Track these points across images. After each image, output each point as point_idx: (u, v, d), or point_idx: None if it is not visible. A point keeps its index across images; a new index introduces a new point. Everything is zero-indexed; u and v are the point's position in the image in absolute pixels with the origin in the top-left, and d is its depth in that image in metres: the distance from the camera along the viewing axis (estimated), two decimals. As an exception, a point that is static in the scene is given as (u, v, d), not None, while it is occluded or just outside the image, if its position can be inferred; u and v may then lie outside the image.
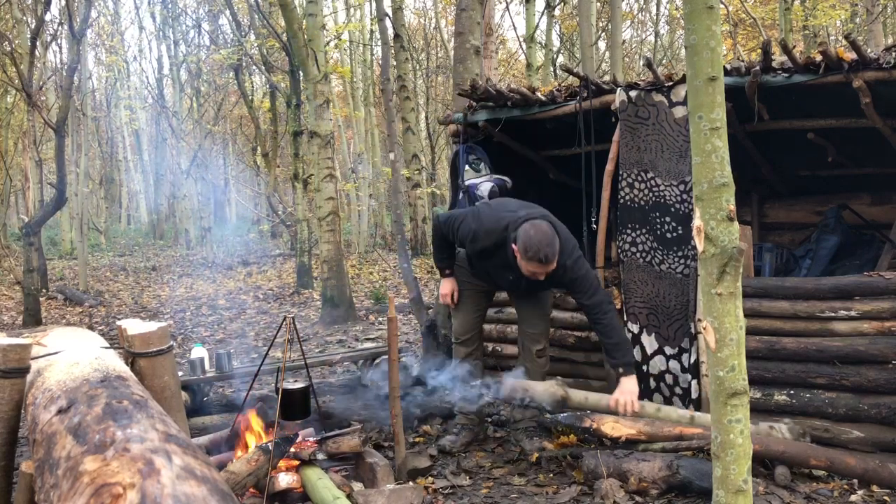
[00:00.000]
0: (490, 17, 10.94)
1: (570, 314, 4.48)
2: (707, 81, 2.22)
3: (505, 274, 3.77)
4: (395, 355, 3.50)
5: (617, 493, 3.17)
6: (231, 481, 2.92)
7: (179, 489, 1.35)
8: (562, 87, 4.51)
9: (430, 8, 21.92)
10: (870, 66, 3.44)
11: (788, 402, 3.64)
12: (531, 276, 3.53)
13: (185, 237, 20.95)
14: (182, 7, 21.59)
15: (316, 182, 8.85)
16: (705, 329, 2.29)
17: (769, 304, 3.71)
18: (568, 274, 3.57)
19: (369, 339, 7.38)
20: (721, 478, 2.28)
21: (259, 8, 12.73)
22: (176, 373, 2.86)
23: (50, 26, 15.78)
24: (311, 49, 8.45)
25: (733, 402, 2.26)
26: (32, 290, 9.17)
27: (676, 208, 3.99)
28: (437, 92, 21.02)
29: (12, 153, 18.24)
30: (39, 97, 13.78)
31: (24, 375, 2.55)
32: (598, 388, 4.33)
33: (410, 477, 3.49)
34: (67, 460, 1.62)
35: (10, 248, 14.94)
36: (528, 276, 3.56)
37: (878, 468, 3.20)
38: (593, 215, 4.34)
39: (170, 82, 22.86)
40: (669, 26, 19.31)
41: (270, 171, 15.27)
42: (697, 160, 2.26)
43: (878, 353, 3.40)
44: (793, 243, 5.32)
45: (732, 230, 2.22)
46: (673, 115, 3.97)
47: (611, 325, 3.57)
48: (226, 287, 12.34)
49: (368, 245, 16.82)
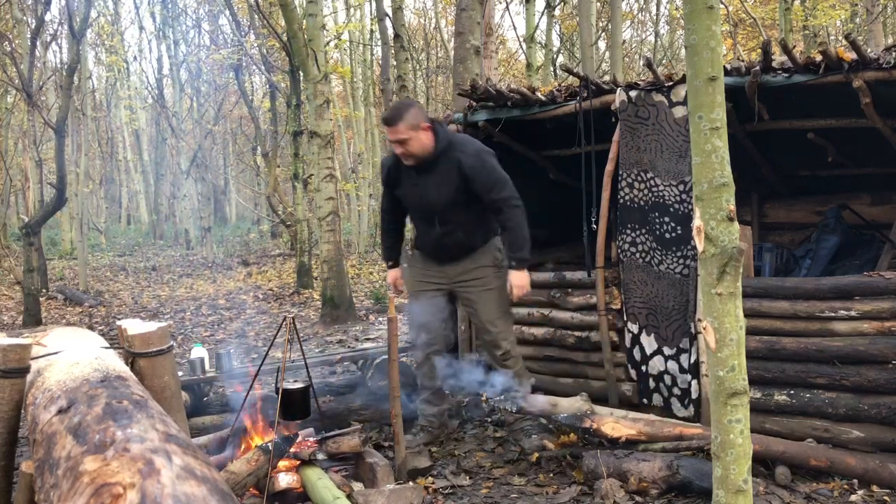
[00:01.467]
0: (490, 17, 10.91)
1: (570, 314, 4.48)
2: (707, 81, 2.22)
3: (413, 191, 3.84)
4: (395, 355, 3.50)
5: (617, 493, 3.17)
6: (231, 481, 2.92)
7: (179, 489, 1.35)
8: (562, 87, 4.51)
9: (430, 8, 21.93)
10: (870, 66, 3.43)
11: (788, 402, 3.64)
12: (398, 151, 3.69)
13: (185, 237, 20.95)
14: (182, 7, 21.60)
15: (316, 182, 8.85)
16: (705, 329, 2.29)
17: (769, 304, 3.71)
18: (469, 162, 3.64)
19: (369, 339, 7.38)
20: (721, 478, 2.29)
21: (259, 8, 12.72)
22: (176, 373, 2.86)
23: (50, 26, 15.81)
24: (311, 49, 8.45)
25: (733, 402, 2.26)
26: (32, 290, 9.17)
27: (676, 208, 3.99)
28: (437, 92, 21.02)
29: (12, 153, 18.25)
30: (39, 97, 13.78)
31: (24, 375, 2.55)
32: (597, 388, 4.34)
33: (410, 477, 3.49)
34: (67, 460, 1.62)
35: (10, 248, 14.94)
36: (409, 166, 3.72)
37: (878, 468, 3.20)
38: (593, 215, 4.34)
39: (170, 82, 22.85)
40: (669, 26, 19.31)
41: (270, 171, 15.26)
42: (697, 160, 2.26)
43: (878, 353, 3.39)
44: (793, 243, 5.32)
45: (732, 230, 2.22)
46: (673, 115, 3.97)
47: (515, 222, 3.71)
48: (226, 287, 12.34)
49: (368, 245, 16.81)
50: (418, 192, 3.82)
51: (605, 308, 4.24)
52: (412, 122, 3.61)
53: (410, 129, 3.61)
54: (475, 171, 3.65)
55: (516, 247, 3.74)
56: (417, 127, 3.61)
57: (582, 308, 4.43)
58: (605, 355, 4.25)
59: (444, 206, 3.75)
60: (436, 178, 3.72)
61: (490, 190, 3.68)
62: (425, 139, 3.65)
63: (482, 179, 3.66)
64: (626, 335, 4.22)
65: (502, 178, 3.72)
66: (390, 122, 3.63)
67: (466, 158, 3.66)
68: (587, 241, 4.39)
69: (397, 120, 3.60)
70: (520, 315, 4.77)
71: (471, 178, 3.66)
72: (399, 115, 3.61)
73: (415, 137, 3.62)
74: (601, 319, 4.23)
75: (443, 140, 3.69)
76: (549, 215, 5.42)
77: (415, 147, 3.64)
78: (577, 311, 4.45)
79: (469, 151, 3.69)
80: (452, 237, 3.81)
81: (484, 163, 3.69)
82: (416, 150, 3.65)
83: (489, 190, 3.68)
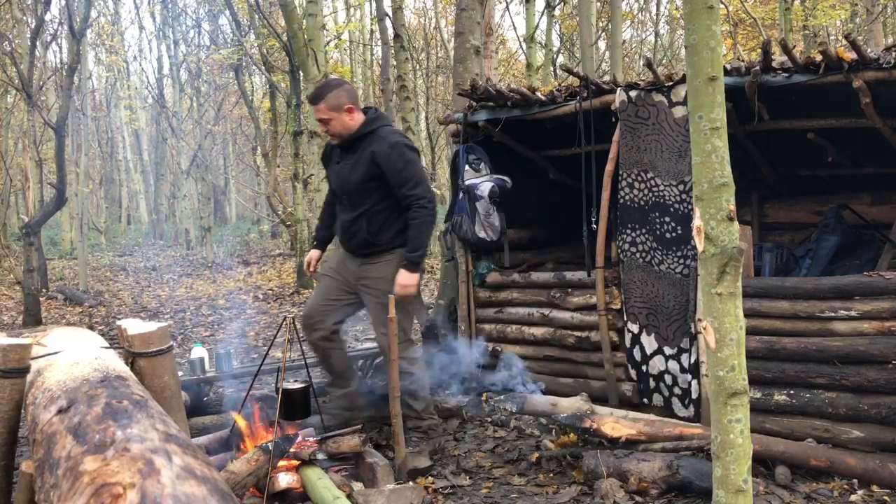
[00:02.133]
0: (490, 17, 10.91)
1: (570, 314, 4.48)
2: (707, 81, 2.22)
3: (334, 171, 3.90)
4: (395, 355, 3.50)
5: (617, 493, 3.17)
6: (231, 481, 2.92)
7: (179, 489, 1.35)
8: (562, 87, 4.51)
9: (430, 8, 21.91)
10: (870, 66, 3.43)
11: (788, 402, 3.64)
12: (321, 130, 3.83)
13: (185, 237, 20.94)
14: (182, 7, 21.61)
15: (316, 182, 8.85)
16: (705, 329, 2.29)
17: (769, 304, 3.71)
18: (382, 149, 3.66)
19: (369, 339, 7.38)
20: (721, 478, 2.29)
21: (259, 8, 12.72)
22: (176, 373, 2.86)
23: (50, 26, 15.79)
24: (311, 49, 8.45)
25: (733, 402, 2.26)
26: (32, 290, 9.17)
27: (676, 208, 3.99)
28: (437, 92, 21.02)
29: (12, 153, 18.24)
30: (39, 97, 13.78)
31: (24, 375, 2.55)
32: (597, 388, 4.34)
33: (410, 477, 3.49)
34: (67, 460, 1.62)
35: (10, 248, 14.93)
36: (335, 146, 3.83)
37: (878, 468, 3.20)
38: (593, 215, 4.34)
39: (170, 82, 22.85)
40: (669, 26, 19.30)
41: (270, 171, 15.26)
42: (697, 160, 2.26)
43: (878, 353, 3.39)
44: (793, 243, 5.32)
45: (732, 230, 2.22)
46: (673, 115, 3.97)
47: (419, 221, 3.69)
48: (226, 287, 12.34)
49: (368, 245, 16.78)
50: (337, 172, 3.88)
51: (605, 308, 4.24)
52: (334, 103, 3.68)
53: (331, 109, 3.68)
54: (385, 160, 3.67)
55: (412, 247, 3.73)
56: (339, 108, 3.69)
57: (582, 308, 4.43)
58: (605, 355, 4.25)
59: (354, 190, 3.77)
60: (352, 160, 3.77)
61: (401, 185, 3.68)
62: (348, 120, 3.72)
63: (392, 171, 3.67)
64: (627, 335, 4.22)
65: (417, 175, 3.72)
66: (312, 101, 3.75)
67: (381, 146, 3.68)
68: (587, 241, 4.39)
69: (318, 100, 3.70)
70: (520, 315, 4.77)
71: (381, 167, 3.68)
72: (321, 95, 3.70)
73: (336, 118, 3.70)
74: (601, 319, 4.23)
75: (367, 125, 3.75)
76: (549, 215, 5.43)
77: (336, 127, 3.72)
78: (577, 311, 4.45)
79: (387, 141, 3.71)
80: (357, 224, 3.80)
81: (399, 154, 3.69)
82: (338, 129, 3.73)
83: (400, 184, 3.68)
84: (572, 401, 3.68)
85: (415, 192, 3.68)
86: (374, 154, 3.68)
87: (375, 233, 3.80)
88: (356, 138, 3.76)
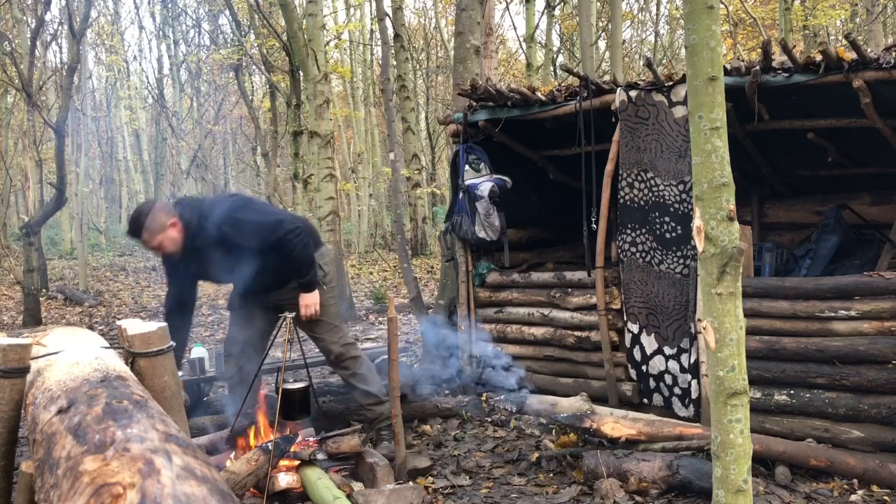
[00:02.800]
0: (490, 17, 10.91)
1: (570, 314, 4.48)
2: (707, 81, 2.22)
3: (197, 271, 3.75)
4: (395, 355, 3.50)
5: (617, 493, 3.17)
6: (231, 481, 2.92)
7: (179, 489, 1.35)
8: (562, 87, 4.51)
9: (430, 8, 21.92)
10: (870, 66, 3.43)
11: (788, 402, 3.64)
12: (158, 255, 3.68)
13: (185, 237, 20.87)
14: (182, 7, 21.59)
15: (316, 182, 8.85)
16: (705, 329, 2.29)
17: (769, 304, 3.71)
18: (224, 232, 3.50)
19: (369, 339, 7.38)
20: (721, 478, 2.28)
21: (259, 8, 12.72)
22: (176, 373, 2.85)
23: (50, 26, 15.80)
24: (311, 49, 8.45)
25: (733, 402, 2.26)
26: (32, 290, 9.17)
27: (676, 208, 3.99)
28: (437, 92, 21.03)
29: (12, 153, 18.24)
30: (39, 97, 13.78)
31: (24, 375, 2.55)
32: (597, 388, 4.34)
33: (410, 477, 3.49)
34: (67, 460, 1.62)
35: (10, 248, 14.94)
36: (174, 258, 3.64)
37: (878, 468, 3.20)
38: (593, 215, 4.34)
39: (170, 82, 22.87)
40: (669, 26, 19.30)
41: (270, 171, 15.25)
42: (697, 160, 2.26)
43: (878, 353, 3.40)
44: (793, 243, 5.32)
45: (732, 230, 2.22)
46: (673, 114, 3.97)
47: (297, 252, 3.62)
48: (226, 287, 12.33)
49: (368, 245, 16.82)
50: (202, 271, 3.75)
51: (605, 308, 4.24)
52: (155, 227, 3.49)
53: (156, 233, 3.49)
54: (235, 235, 3.53)
55: (300, 274, 3.70)
56: (163, 227, 3.49)
57: (582, 308, 4.43)
58: (605, 355, 4.25)
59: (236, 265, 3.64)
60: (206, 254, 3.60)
61: (263, 240, 3.56)
62: (175, 233, 3.53)
63: (247, 236, 3.54)
64: (627, 335, 4.22)
65: (268, 222, 3.60)
66: (133, 235, 3.56)
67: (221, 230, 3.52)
68: (587, 241, 4.39)
69: (139, 231, 3.50)
70: (520, 315, 4.77)
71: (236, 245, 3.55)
72: (139, 226, 3.49)
73: (164, 238, 3.51)
74: (601, 319, 4.23)
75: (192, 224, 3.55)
76: (549, 215, 5.43)
77: (169, 245, 3.54)
78: (577, 311, 4.45)
79: (218, 221, 3.53)
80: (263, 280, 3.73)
81: (236, 230, 3.53)
82: (172, 246, 3.55)
83: (262, 241, 3.56)
84: (572, 401, 3.68)
85: (277, 235, 3.56)
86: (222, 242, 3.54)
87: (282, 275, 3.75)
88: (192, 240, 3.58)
